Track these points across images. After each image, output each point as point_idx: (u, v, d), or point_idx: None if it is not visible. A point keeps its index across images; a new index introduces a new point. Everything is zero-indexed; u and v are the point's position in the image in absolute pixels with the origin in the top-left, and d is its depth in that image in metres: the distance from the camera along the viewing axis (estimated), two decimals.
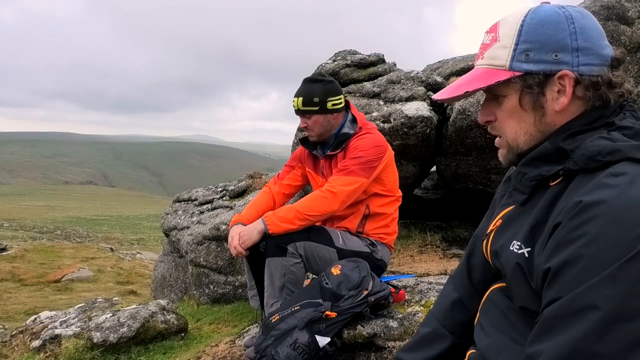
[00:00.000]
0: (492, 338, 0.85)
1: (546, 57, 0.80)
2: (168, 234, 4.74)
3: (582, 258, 0.66)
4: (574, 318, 0.65)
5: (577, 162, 0.75)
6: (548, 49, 0.80)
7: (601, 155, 0.73)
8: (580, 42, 0.79)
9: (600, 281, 0.63)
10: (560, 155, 0.79)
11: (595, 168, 0.73)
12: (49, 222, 27.09)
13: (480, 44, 0.91)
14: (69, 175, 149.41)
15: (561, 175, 0.78)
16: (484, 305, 0.93)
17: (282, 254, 2.02)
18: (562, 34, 0.79)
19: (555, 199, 0.77)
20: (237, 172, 43.06)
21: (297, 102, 2.25)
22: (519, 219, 0.85)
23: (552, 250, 0.70)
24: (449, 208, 5.17)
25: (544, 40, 0.80)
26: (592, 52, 0.79)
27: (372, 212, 2.27)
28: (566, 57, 0.79)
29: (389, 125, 3.72)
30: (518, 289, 0.81)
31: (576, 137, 0.79)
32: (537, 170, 0.82)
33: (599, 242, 0.65)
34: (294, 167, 2.52)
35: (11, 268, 10.53)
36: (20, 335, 3.21)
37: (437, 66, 5.54)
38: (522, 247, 0.79)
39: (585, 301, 0.64)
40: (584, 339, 0.63)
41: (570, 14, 0.80)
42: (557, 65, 0.80)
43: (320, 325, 1.88)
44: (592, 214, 0.66)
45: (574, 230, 0.68)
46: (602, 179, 0.70)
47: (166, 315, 3.07)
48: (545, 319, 0.69)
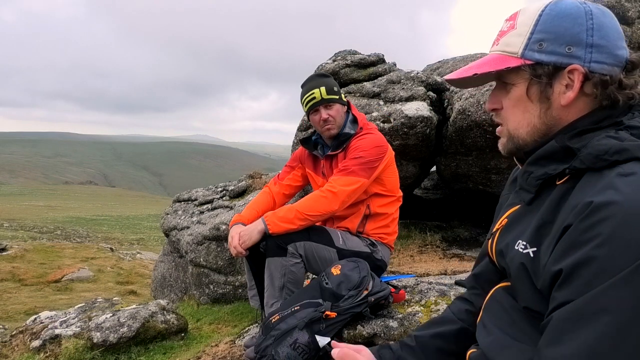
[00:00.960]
0: (494, 336, 0.84)
1: (559, 49, 0.80)
2: (168, 234, 4.74)
3: (595, 260, 0.64)
4: (588, 322, 0.63)
5: (584, 160, 0.74)
6: (562, 41, 0.79)
7: (608, 155, 0.72)
8: (595, 39, 0.78)
9: (614, 284, 0.62)
10: (567, 154, 0.78)
11: (602, 167, 0.72)
12: (49, 222, 27.08)
13: (498, 30, 0.91)
14: (69, 175, 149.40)
15: (567, 174, 0.78)
16: (487, 304, 0.93)
17: (282, 254, 2.02)
18: (578, 29, 0.79)
19: (562, 198, 0.76)
20: (237, 172, 43.05)
21: (321, 92, 2.22)
22: (524, 219, 0.85)
23: (563, 252, 0.69)
24: (449, 208, 5.17)
25: (559, 32, 0.80)
26: (607, 50, 0.78)
27: (373, 212, 2.27)
28: (579, 51, 0.78)
29: (389, 125, 3.72)
30: (522, 289, 0.80)
31: (583, 136, 0.78)
32: (544, 169, 0.81)
33: (611, 244, 0.63)
34: (294, 168, 2.53)
35: (11, 268, 10.53)
36: (20, 335, 3.21)
37: (437, 66, 5.54)
38: (527, 246, 0.79)
39: (599, 305, 0.63)
40: (598, 344, 0.61)
41: (590, 10, 0.79)
42: (568, 59, 0.79)
43: (320, 325, 1.88)
44: (603, 215, 0.65)
45: (586, 232, 0.66)
46: (611, 179, 0.69)
47: (166, 315, 3.07)
48: (557, 322, 0.67)
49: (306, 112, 2.33)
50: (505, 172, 3.81)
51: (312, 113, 2.28)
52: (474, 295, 1.05)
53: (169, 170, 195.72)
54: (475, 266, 1.09)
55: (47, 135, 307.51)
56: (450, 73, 0.93)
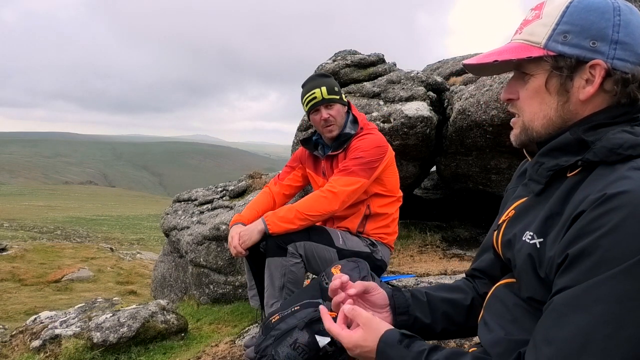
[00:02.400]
0: (495, 333, 0.85)
1: (583, 43, 0.78)
2: (168, 234, 4.74)
3: (599, 249, 0.64)
4: (585, 309, 0.64)
5: (597, 153, 0.74)
6: (587, 35, 0.78)
7: (622, 149, 0.72)
8: (621, 36, 0.77)
9: (615, 274, 0.62)
10: (580, 147, 0.77)
11: (615, 161, 0.72)
12: (49, 222, 27.08)
13: (522, 20, 0.90)
14: (69, 175, 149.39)
15: (579, 166, 0.77)
16: (488, 302, 0.93)
17: (282, 254, 2.02)
18: (605, 24, 0.78)
19: (572, 190, 0.76)
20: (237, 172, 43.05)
21: (322, 92, 2.22)
22: (533, 210, 0.84)
23: (571, 240, 0.69)
24: (449, 208, 5.17)
25: (585, 25, 0.79)
26: (631, 48, 0.77)
27: (373, 212, 2.27)
28: (603, 47, 0.77)
29: (389, 125, 3.72)
30: (527, 279, 0.80)
31: (598, 130, 0.77)
32: (555, 161, 0.80)
33: (617, 234, 0.64)
34: (294, 168, 2.52)
35: (11, 268, 10.53)
36: (20, 335, 3.21)
37: (437, 66, 5.55)
38: (534, 237, 0.79)
39: (598, 293, 0.63)
40: (593, 331, 0.62)
41: (619, 6, 0.79)
42: (592, 53, 0.78)
43: (321, 325, 1.87)
44: (614, 205, 0.65)
45: (595, 221, 0.66)
46: (625, 172, 0.69)
47: (166, 315, 3.07)
48: (555, 306, 0.68)
49: (307, 111, 2.32)
50: (506, 172, 3.81)
51: (313, 113, 2.27)
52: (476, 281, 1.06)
53: (169, 170, 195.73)
54: (475, 260, 1.09)
55: (47, 135, 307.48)
56: (470, 58, 0.92)
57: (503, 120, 3.31)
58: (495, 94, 3.38)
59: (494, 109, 3.36)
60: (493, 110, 3.36)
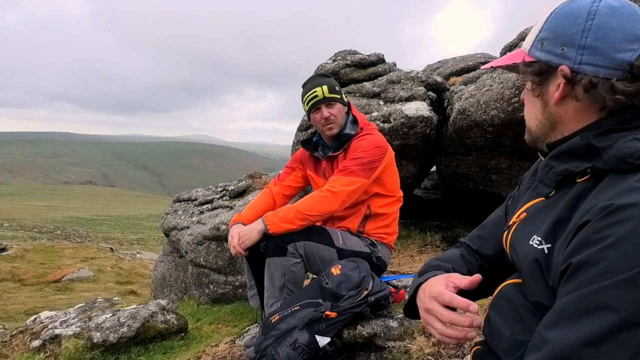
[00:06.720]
0: (501, 333, 0.85)
1: (554, 49, 0.80)
2: (168, 234, 4.74)
3: (604, 260, 0.64)
4: (586, 315, 0.64)
5: (607, 162, 0.73)
6: (558, 41, 0.80)
7: (633, 158, 0.71)
8: (589, 41, 0.77)
9: (617, 283, 0.62)
10: (591, 152, 0.77)
11: (626, 170, 0.71)
12: (49, 222, 27.08)
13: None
14: (69, 175, 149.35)
15: (589, 173, 0.76)
16: (494, 301, 0.93)
17: (282, 254, 2.02)
18: (575, 29, 0.78)
19: (582, 196, 0.75)
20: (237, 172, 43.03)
21: (323, 90, 2.23)
22: (541, 214, 0.84)
23: (575, 249, 0.69)
24: (449, 208, 5.18)
25: (558, 32, 0.80)
26: (601, 52, 0.76)
27: (373, 212, 2.27)
28: (571, 52, 0.78)
29: (389, 125, 3.72)
30: (534, 284, 0.80)
31: (609, 136, 0.76)
32: (565, 165, 0.80)
33: (622, 245, 0.63)
34: (294, 169, 2.52)
35: (11, 268, 10.53)
36: (20, 335, 3.21)
37: (437, 66, 5.55)
38: (542, 242, 0.78)
39: (600, 301, 0.63)
40: (592, 338, 0.62)
41: (595, 10, 0.77)
42: (559, 59, 0.80)
43: (320, 325, 1.87)
44: (621, 217, 0.65)
45: (600, 231, 0.66)
46: (634, 182, 0.68)
47: (166, 315, 3.07)
48: (556, 309, 0.68)
49: (307, 111, 2.32)
50: (506, 172, 3.81)
51: (314, 112, 2.27)
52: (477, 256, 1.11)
53: (169, 170, 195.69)
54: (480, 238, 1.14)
55: (47, 135, 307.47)
56: (492, 61, 0.98)
57: (503, 120, 3.31)
58: (495, 94, 3.38)
59: (494, 109, 3.36)
60: (493, 110, 3.36)
